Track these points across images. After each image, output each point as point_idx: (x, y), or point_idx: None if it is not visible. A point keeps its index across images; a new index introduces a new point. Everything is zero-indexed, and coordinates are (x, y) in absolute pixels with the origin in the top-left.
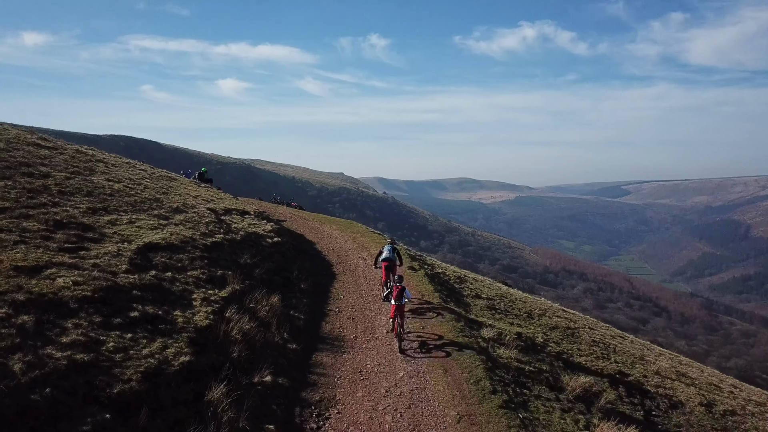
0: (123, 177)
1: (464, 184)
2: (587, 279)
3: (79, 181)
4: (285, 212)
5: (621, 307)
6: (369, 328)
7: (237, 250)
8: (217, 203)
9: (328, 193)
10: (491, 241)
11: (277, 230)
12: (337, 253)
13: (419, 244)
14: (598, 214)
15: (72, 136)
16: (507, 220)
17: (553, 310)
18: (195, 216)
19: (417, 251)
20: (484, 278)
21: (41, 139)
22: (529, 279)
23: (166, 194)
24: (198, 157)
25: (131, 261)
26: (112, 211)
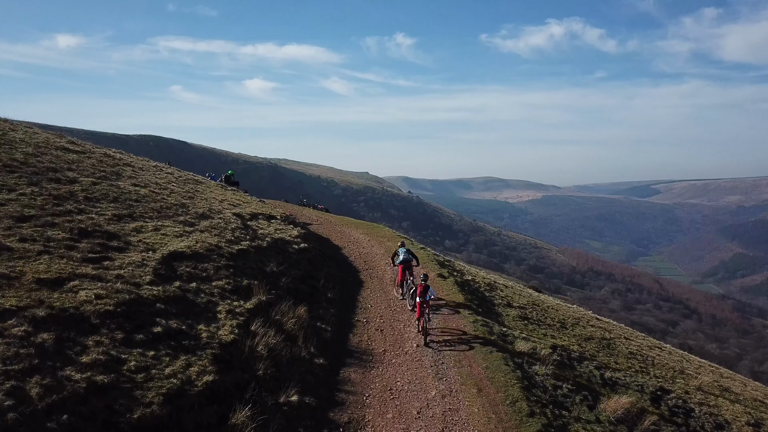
0: (149, 181)
1: (490, 183)
2: (615, 280)
3: (106, 186)
4: (311, 215)
5: (650, 309)
6: (398, 341)
7: (263, 258)
8: (243, 207)
9: (353, 193)
10: (517, 241)
11: (303, 235)
12: (364, 258)
13: (444, 243)
14: (626, 213)
15: (103, 137)
16: (533, 219)
17: (587, 318)
18: (221, 222)
19: (444, 255)
20: (514, 284)
21: (70, 142)
22: (555, 279)
23: (192, 199)
24: (225, 157)
25: (155, 271)
26: (138, 218)
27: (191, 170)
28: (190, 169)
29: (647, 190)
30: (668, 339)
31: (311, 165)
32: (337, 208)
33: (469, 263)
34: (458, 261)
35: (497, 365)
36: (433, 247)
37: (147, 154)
